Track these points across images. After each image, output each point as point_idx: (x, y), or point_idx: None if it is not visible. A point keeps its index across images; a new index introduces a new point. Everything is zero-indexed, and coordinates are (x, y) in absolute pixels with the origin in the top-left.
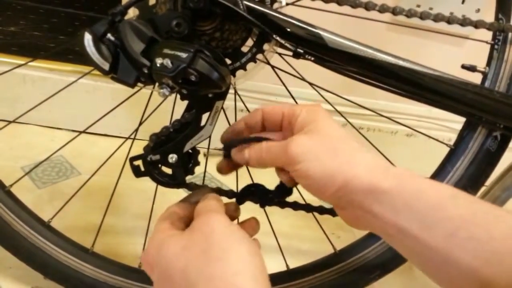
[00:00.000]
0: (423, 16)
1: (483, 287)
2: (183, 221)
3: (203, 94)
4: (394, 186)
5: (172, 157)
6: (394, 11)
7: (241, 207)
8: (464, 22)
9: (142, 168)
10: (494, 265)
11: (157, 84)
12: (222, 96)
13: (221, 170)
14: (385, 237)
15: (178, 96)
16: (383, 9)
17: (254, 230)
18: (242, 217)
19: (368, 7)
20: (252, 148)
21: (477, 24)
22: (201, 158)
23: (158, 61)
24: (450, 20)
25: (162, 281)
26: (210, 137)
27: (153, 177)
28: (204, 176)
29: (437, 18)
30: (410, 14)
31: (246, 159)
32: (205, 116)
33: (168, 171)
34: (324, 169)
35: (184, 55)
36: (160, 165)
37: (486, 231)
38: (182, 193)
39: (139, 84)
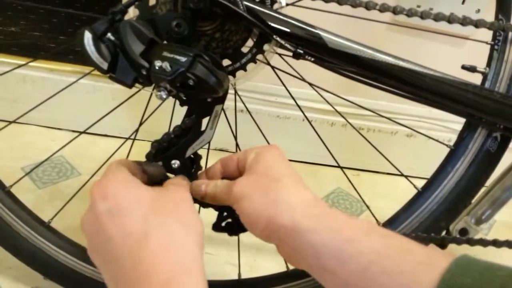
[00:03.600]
0: (423, 15)
1: None
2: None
3: (202, 99)
4: (312, 224)
5: (175, 163)
6: (395, 11)
7: None
8: (465, 21)
9: None
10: None
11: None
12: (221, 101)
13: None
14: (313, 275)
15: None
16: (383, 8)
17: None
18: None
19: (368, 6)
20: (209, 184)
21: (477, 24)
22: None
23: (157, 63)
24: (450, 20)
25: (113, 214)
26: (210, 141)
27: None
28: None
29: (438, 17)
30: (410, 13)
31: (202, 194)
32: (205, 121)
33: (171, 176)
34: (254, 208)
35: (183, 59)
36: None
37: (397, 265)
38: None
39: (137, 85)
